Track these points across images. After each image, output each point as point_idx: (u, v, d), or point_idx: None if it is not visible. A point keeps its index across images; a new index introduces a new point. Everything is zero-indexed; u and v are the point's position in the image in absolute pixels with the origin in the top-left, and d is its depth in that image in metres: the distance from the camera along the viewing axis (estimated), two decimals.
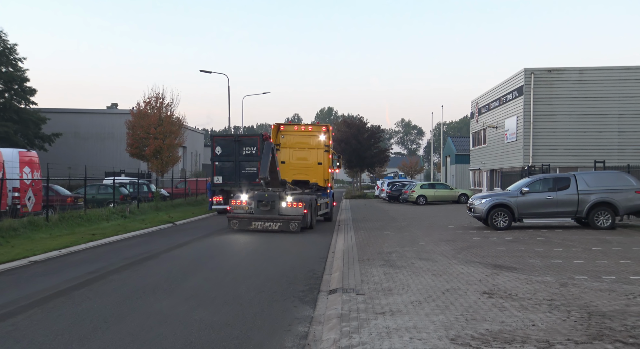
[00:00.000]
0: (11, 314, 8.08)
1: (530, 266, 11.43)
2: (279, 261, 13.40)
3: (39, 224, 19.18)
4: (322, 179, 24.28)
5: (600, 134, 33.73)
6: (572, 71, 34.56)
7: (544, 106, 34.09)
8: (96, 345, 6.54)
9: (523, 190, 19.59)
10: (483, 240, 16.30)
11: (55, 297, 9.26)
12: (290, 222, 19.21)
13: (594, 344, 5.98)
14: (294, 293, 9.63)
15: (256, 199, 19.82)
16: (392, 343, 6.09)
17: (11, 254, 13.58)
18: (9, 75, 44.70)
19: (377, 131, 62.40)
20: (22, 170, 22.97)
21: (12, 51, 45.26)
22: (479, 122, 46.28)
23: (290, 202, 19.57)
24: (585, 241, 15.62)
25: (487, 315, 7.24)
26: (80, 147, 48.92)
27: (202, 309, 8.37)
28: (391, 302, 8.14)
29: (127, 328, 7.30)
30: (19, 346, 6.54)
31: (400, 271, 10.84)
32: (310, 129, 24.92)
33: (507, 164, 37.52)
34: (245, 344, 6.60)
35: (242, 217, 19.74)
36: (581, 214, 19.34)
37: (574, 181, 19.47)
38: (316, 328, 7.26)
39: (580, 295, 8.51)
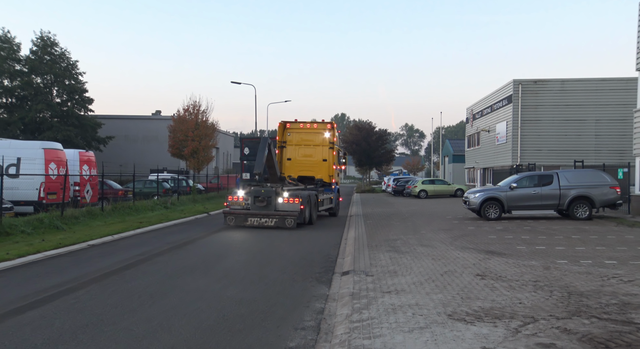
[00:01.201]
0: (74, 289, 8.22)
1: (518, 252, 11.38)
2: (299, 247, 13.46)
3: (95, 213, 19.43)
4: (327, 175, 21.89)
5: (579, 137, 33.60)
6: (555, 82, 34.36)
7: (530, 112, 34.00)
8: (144, 316, 6.64)
9: (512, 186, 19.52)
10: (476, 229, 16.23)
11: (109, 275, 9.40)
12: (286, 218, 16.95)
13: (573, 319, 5.97)
14: (311, 274, 9.68)
15: (253, 195, 17.55)
16: (397, 317, 6.12)
17: (73, 239, 13.79)
18: (72, 87, 45.37)
19: (384, 134, 62.37)
20: (82, 167, 23.33)
21: (74, 67, 45.90)
22: (473, 127, 46.02)
23: (286, 198, 17.28)
24: (565, 230, 15.50)
25: (479, 294, 7.24)
26: (129, 148, 49.30)
27: (233, 287, 8.46)
28: (396, 282, 8.16)
29: (170, 303, 7.40)
30: (81, 316, 6.67)
31: (404, 256, 10.84)
32: (316, 127, 22.05)
33: (497, 162, 37.28)
34: (270, 318, 6.64)
35: (238, 213, 17.55)
36: (562, 207, 19.24)
37: (557, 178, 19.38)
38: (331, 305, 7.29)
39: (561, 277, 8.47)
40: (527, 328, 5.64)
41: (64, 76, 45.17)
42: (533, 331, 5.53)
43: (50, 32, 46.47)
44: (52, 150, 21.03)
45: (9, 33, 44.76)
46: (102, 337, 5.80)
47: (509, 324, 5.76)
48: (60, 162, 21.02)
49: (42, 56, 44.63)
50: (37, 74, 44.68)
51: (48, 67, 44.42)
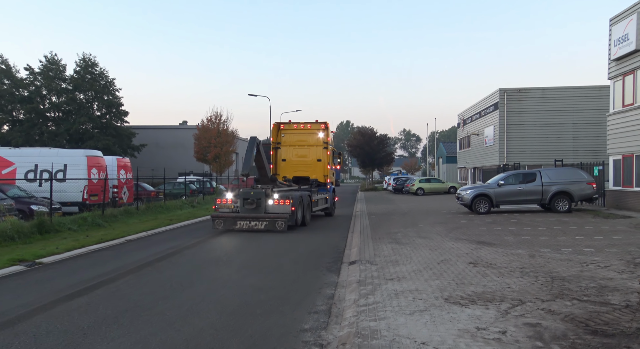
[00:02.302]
0: (114, 279, 8.28)
1: (506, 242, 11.28)
2: (310, 241, 13.45)
3: (131, 212, 19.55)
4: (322, 175, 19.57)
5: (558, 139, 33.36)
6: (537, 90, 34.13)
7: (515, 117, 33.80)
8: (175, 303, 6.66)
9: (499, 183, 19.39)
10: (468, 222, 16.11)
11: (144, 266, 9.45)
12: (277, 220, 14.52)
13: (557, 301, 5.91)
14: (322, 264, 9.66)
15: (242, 197, 15.03)
16: (399, 301, 6.09)
17: (112, 235, 13.89)
18: (110, 102, 45.81)
19: (384, 139, 62.26)
20: (119, 172, 23.52)
21: (111, 84, 46.33)
22: (464, 131, 45.75)
23: (277, 200, 14.89)
24: (548, 222, 15.35)
25: (472, 280, 7.19)
26: (159, 154, 49.51)
27: (252, 277, 8.45)
28: (398, 271, 8.12)
29: (197, 290, 7.42)
30: (121, 302, 6.71)
31: (404, 247, 10.78)
32: (309, 127, 19.70)
33: (486, 162, 37.03)
34: (287, 303, 6.63)
35: (226, 217, 14.92)
36: (545, 201, 19.08)
37: (539, 176, 19.25)
38: (340, 291, 7.26)
39: (545, 264, 8.39)
40: (516, 309, 5.59)
41: (103, 92, 45.56)
42: (521, 312, 5.48)
43: (91, 54, 47.13)
44: (94, 157, 21.22)
45: (56, 56, 45.28)
46: (140, 321, 5.82)
47: (499, 307, 5.71)
48: (100, 168, 21.19)
49: (84, 75, 45.07)
50: (80, 91, 45.12)
51: (89, 85, 44.84)
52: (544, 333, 4.78)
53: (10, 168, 20.11)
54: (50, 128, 44.01)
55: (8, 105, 43.68)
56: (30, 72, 44.50)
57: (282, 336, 5.22)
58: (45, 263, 9.94)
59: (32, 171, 20.12)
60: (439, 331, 4.88)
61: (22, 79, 44.53)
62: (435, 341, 4.62)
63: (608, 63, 21.02)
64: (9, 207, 14.66)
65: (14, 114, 44.48)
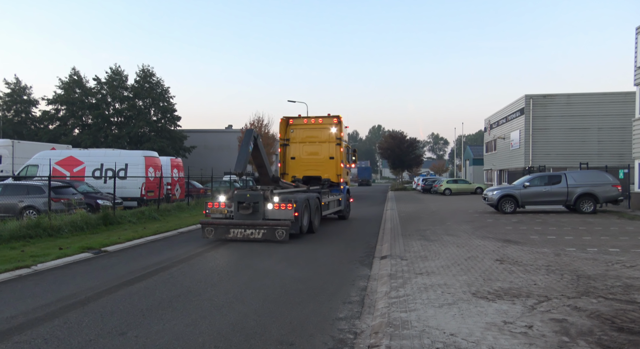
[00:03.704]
0: (169, 267, 8.49)
1: (532, 240, 10.89)
2: (344, 236, 13.37)
3: (183, 207, 20.01)
4: (335, 175, 16.68)
5: (583, 143, 31.93)
6: (562, 96, 32.78)
7: (540, 122, 32.56)
8: (222, 290, 6.78)
9: (525, 184, 18.78)
10: (495, 221, 15.66)
11: (195, 256, 9.63)
12: (277, 228, 11.39)
13: (582, 299, 5.66)
14: (356, 257, 9.60)
15: (236, 200, 11.94)
16: (428, 295, 5.98)
17: (166, 227, 14.24)
18: (165, 108, 47.26)
19: (413, 142, 61.71)
20: (173, 171, 24.18)
21: (166, 92, 47.79)
22: (490, 135, 44.51)
23: (277, 204, 11.73)
24: (573, 223, 14.72)
25: (499, 276, 6.98)
26: (207, 155, 50.53)
27: (291, 268, 8.48)
28: (427, 266, 7.98)
29: (242, 279, 7.52)
30: (174, 288, 6.88)
31: (433, 244, 10.59)
32: (321, 122, 16.79)
33: (512, 165, 35.90)
34: (323, 293, 6.63)
35: (217, 224, 11.67)
36: (570, 203, 18.33)
37: (565, 178, 18.52)
38: (372, 283, 7.21)
39: (570, 262, 8.05)
40: (542, 305, 5.39)
41: (159, 99, 47.04)
42: (547, 308, 5.28)
43: (149, 65, 48.55)
44: (151, 157, 21.89)
45: (119, 67, 47.10)
46: (191, 305, 5.96)
47: (525, 302, 5.52)
48: (156, 167, 21.85)
49: (143, 84, 46.66)
50: (139, 98, 46.74)
51: (147, 93, 46.39)
52: (570, 328, 4.59)
53: (80, 167, 21.03)
54: (113, 131, 45.78)
55: (79, 111, 45.74)
56: (97, 82, 46.48)
57: (319, 324, 5.23)
58: (109, 251, 10.34)
59: (99, 170, 20.96)
60: (467, 324, 4.76)
61: (91, 88, 46.56)
62: (463, 332, 4.51)
63: (634, 70, 19.99)
64: (79, 201, 15.33)
65: (83, 119, 46.51)
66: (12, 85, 46.82)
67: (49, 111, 46.12)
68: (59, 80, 45.86)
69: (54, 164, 20.19)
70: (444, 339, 4.35)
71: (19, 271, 8.01)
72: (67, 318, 5.41)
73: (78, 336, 4.82)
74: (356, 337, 4.79)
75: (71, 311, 5.68)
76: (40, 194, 14.60)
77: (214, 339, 4.73)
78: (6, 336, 4.82)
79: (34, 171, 20.64)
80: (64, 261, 8.99)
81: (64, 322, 5.28)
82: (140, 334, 4.88)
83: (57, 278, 7.61)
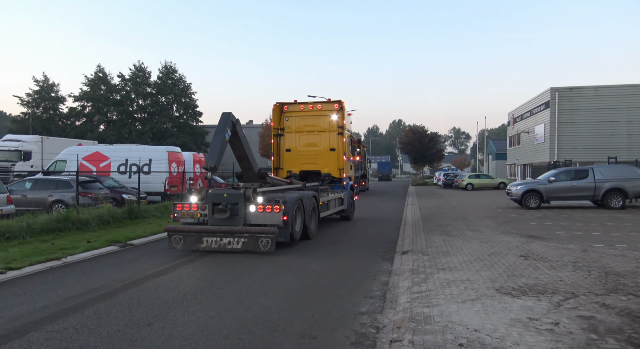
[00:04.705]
0: (192, 260, 8.64)
1: (557, 236, 10.65)
2: (364, 232, 13.35)
3: None
4: (336, 169, 14.42)
5: (612, 137, 30.95)
6: (589, 89, 31.83)
7: (566, 115, 31.71)
8: (245, 283, 6.84)
9: (550, 179, 18.38)
10: (518, 217, 15.38)
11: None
12: (260, 237, 9.01)
13: (611, 296, 5.52)
14: (376, 252, 9.57)
15: (211, 201, 9.64)
16: (451, 290, 5.93)
17: None
18: (186, 104, 47.94)
19: (434, 136, 61.04)
20: (195, 166, 24.53)
21: (188, 88, 48.44)
22: (514, 129, 43.65)
23: (261, 205, 9.47)
24: (601, 218, 14.33)
25: (524, 272, 6.86)
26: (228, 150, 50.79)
27: (312, 262, 8.49)
28: (449, 261, 7.90)
29: (264, 272, 7.58)
30: (198, 281, 7.00)
31: (455, 239, 10.47)
32: (320, 108, 14.54)
33: (536, 159, 35.14)
34: (344, 287, 6.62)
35: (187, 231, 9.31)
36: (597, 198, 17.85)
37: (592, 172, 18.04)
38: (394, 278, 7.17)
39: (598, 259, 7.85)
40: (569, 302, 5.28)
41: (181, 96, 47.71)
42: (574, 305, 5.17)
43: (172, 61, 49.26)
44: (174, 153, 22.27)
45: (142, 64, 47.87)
46: (214, 298, 6.06)
47: (551, 299, 5.42)
48: (179, 162, 22.23)
49: (166, 81, 47.39)
50: (162, 95, 47.51)
51: (170, 89, 47.09)
52: (598, 326, 4.48)
53: (106, 162, 21.56)
54: (137, 127, 46.67)
55: (104, 107, 46.80)
56: (122, 78, 47.42)
57: (341, 318, 5.24)
58: (135, 244, 10.58)
59: (123, 165, 21.44)
60: (490, 320, 4.71)
61: (115, 85, 47.53)
62: (487, 328, 4.46)
63: None
64: (105, 196, 15.72)
65: (108, 115, 47.56)
66: (41, 83, 48.17)
67: (75, 108, 47.34)
68: (84, 78, 46.99)
69: (81, 160, 20.75)
70: (468, 335, 4.31)
71: (49, 263, 8.29)
72: (97, 309, 5.57)
73: (107, 326, 4.97)
74: (378, 331, 4.79)
75: (100, 302, 5.85)
76: (69, 189, 15.04)
77: (237, 331, 4.80)
78: (39, 326, 5.00)
79: (63, 166, 21.25)
80: (92, 254, 9.25)
81: (94, 312, 5.44)
82: (166, 325, 4.99)
83: (86, 270, 7.84)
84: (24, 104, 47.45)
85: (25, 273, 7.62)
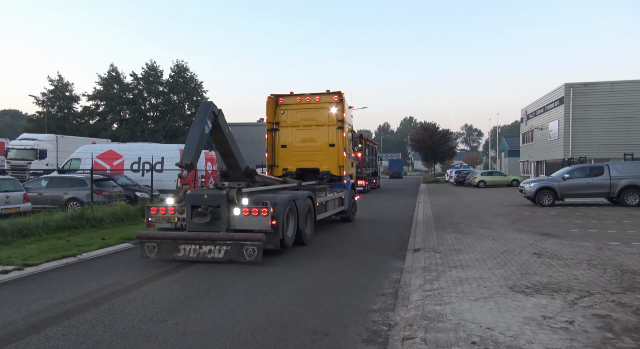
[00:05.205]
0: None
1: (572, 234, 10.51)
2: (376, 230, 13.32)
3: None
4: (336, 166, 13.33)
5: (628, 133, 30.33)
6: (605, 84, 31.26)
7: (581, 111, 31.17)
8: (257, 281, 6.88)
9: (564, 176, 18.13)
10: (532, 214, 15.20)
11: None
12: (245, 245, 7.87)
13: (627, 294, 5.44)
14: (388, 250, 9.55)
15: (190, 203, 8.52)
16: (463, 288, 5.90)
17: None
18: (198, 102, 48.34)
19: (446, 133, 60.57)
20: (206, 164, 24.68)
21: (200, 86, 48.78)
22: (527, 125, 43.08)
23: (247, 208, 8.34)
24: (616, 216, 14.11)
25: (537, 270, 6.79)
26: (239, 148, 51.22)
27: (324, 260, 8.52)
28: (461, 259, 7.85)
29: (276, 270, 7.61)
30: (211, 278, 7.05)
31: (467, 237, 10.40)
32: (318, 100, 13.37)
33: (550, 156, 34.68)
34: (356, 285, 6.63)
35: (161, 238, 8.17)
36: (613, 195, 17.58)
37: (607, 169, 17.76)
38: (406, 276, 7.15)
39: (614, 257, 7.73)
40: (583, 300, 5.22)
41: (193, 94, 48.06)
42: (589, 303, 5.11)
43: (183, 60, 49.64)
44: None
45: (155, 63, 48.30)
46: (227, 295, 6.11)
47: (566, 297, 5.36)
48: None
49: (177, 79, 47.77)
50: (174, 93, 47.91)
51: (181, 87, 47.47)
52: (614, 324, 4.43)
53: (119, 160, 21.81)
54: (149, 126, 47.15)
55: (117, 106, 47.34)
56: (134, 77, 47.90)
57: (353, 315, 5.25)
58: None
59: (136, 163, 21.67)
60: (504, 318, 4.68)
61: (128, 84, 48.02)
62: (500, 327, 4.43)
63: None
64: (119, 194, 15.92)
65: (121, 114, 48.09)
66: (56, 83, 48.87)
67: (89, 107, 47.95)
68: (98, 77, 47.60)
69: (95, 158, 21.02)
70: (481, 332, 4.29)
71: (65, 259, 8.43)
72: (112, 305, 5.66)
73: (122, 322, 5.04)
74: (390, 329, 4.79)
75: (115, 298, 5.94)
76: (83, 187, 15.26)
77: (250, 328, 4.83)
78: (56, 321, 5.10)
79: (77, 164, 21.56)
80: (106, 251, 9.39)
81: (109, 308, 5.52)
82: (180, 321, 5.05)
83: (101, 267, 7.96)
84: (39, 104, 48.22)
85: (42, 269, 7.76)
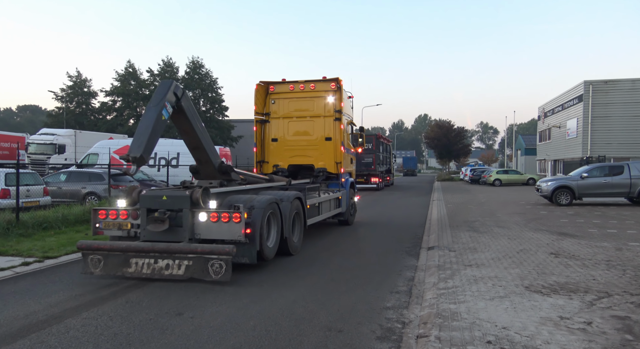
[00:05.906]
0: None
1: (590, 234, 10.33)
2: (390, 227, 13.26)
3: None
4: (333, 162, 11.78)
5: None
6: (625, 82, 30.54)
7: (601, 109, 30.54)
8: (271, 277, 6.93)
9: (583, 175, 17.82)
10: (549, 213, 14.98)
11: None
12: (211, 259, 6.15)
13: None
14: (402, 248, 9.52)
15: (145, 206, 6.81)
16: (478, 287, 5.85)
17: None
18: (213, 99, 48.60)
19: (461, 131, 60.01)
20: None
21: (214, 83, 49.05)
22: (544, 123, 42.39)
23: (215, 213, 6.61)
24: (637, 216, 13.81)
25: (554, 270, 6.70)
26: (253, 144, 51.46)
27: (338, 256, 8.53)
28: (476, 258, 7.79)
29: (290, 266, 7.66)
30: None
31: (482, 235, 10.30)
32: (313, 87, 11.82)
33: (568, 155, 34.08)
34: (369, 283, 6.62)
35: (108, 250, 6.48)
36: (633, 195, 17.25)
37: (627, 168, 17.42)
38: (420, 274, 7.11)
39: (634, 258, 7.59)
40: (602, 301, 5.14)
41: (208, 90, 48.38)
42: (608, 304, 5.03)
43: (199, 57, 49.94)
44: None
45: (171, 59, 48.76)
46: (241, 290, 6.16)
47: (583, 298, 5.28)
48: None
49: (193, 76, 48.13)
50: (189, 89, 48.24)
51: (197, 84, 47.82)
52: (633, 326, 4.35)
53: None
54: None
55: (133, 102, 47.88)
56: (150, 73, 48.37)
57: (367, 312, 5.25)
58: None
59: (152, 158, 21.93)
60: (520, 318, 4.63)
61: (145, 80, 48.53)
62: (516, 326, 4.39)
63: None
64: None
65: (137, 109, 48.64)
66: (74, 79, 49.65)
67: (106, 102, 48.61)
68: (115, 73, 48.21)
69: (112, 153, 21.31)
70: (496, 332, 4.26)
71: None
72: (129, 298, 5.75)
73: (139, 314, 5.13)
74: (404, 327, 4.79)
75: (132, 292, 6.04)
76: (101, 181, 15.51)
77: (264, 323, 4.87)
78: (76, 312, 5.21)
79: (95, 159, 21.91)
80: None
81: (126, 301, 5.62)
82: (196, 315, 5.11)
83: None
84: (58, 99, 49.05)
85: (61, 261, 7.93)
